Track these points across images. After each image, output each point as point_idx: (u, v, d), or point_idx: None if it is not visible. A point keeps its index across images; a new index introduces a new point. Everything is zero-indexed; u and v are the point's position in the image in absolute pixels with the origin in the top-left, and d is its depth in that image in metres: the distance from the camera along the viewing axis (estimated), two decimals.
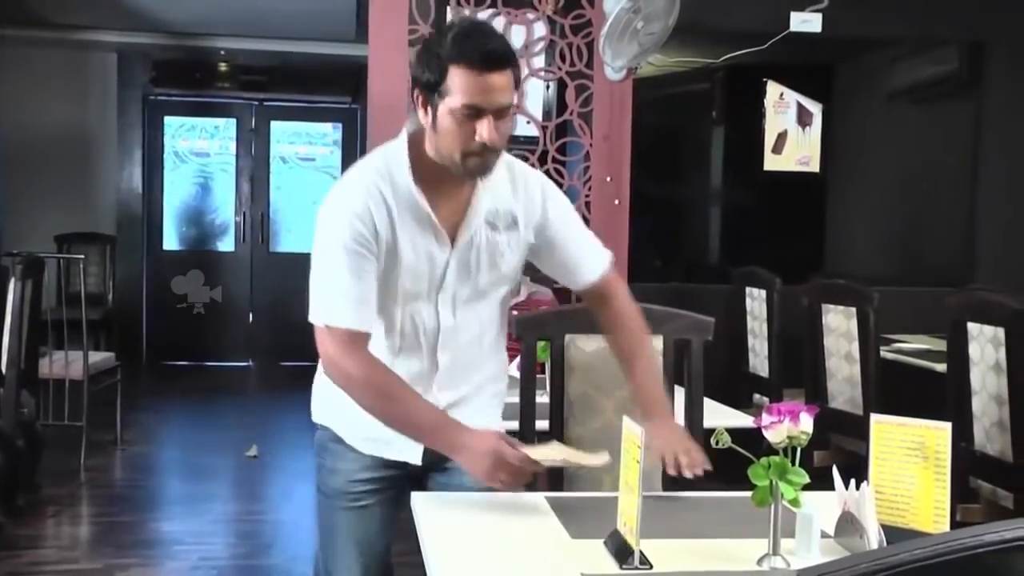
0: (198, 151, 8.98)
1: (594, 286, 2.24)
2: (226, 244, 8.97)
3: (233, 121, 8.96)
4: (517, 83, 1.99)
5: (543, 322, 2.59)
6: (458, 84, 1.91)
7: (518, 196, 2.12)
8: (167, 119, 8.81)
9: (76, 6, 6.96)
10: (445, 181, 2.03)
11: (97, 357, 5.55)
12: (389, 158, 2.08)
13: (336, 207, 2.07)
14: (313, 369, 2.26)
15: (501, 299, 2.21)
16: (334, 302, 2.01)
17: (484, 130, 1.92)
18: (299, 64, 8.42)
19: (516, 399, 2.49)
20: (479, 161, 1.96)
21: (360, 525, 2.20)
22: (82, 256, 5.62)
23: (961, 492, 3.41)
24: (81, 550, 4.15)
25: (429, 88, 1.95)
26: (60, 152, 8.09)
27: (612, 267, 2.26)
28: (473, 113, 1.92)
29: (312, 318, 2.06)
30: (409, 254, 2.04)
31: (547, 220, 2.14)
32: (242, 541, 4.29)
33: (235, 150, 8.96)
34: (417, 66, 2.01)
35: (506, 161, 2.10)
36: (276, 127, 9.03)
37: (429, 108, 1.97)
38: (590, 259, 2.22)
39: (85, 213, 8.07)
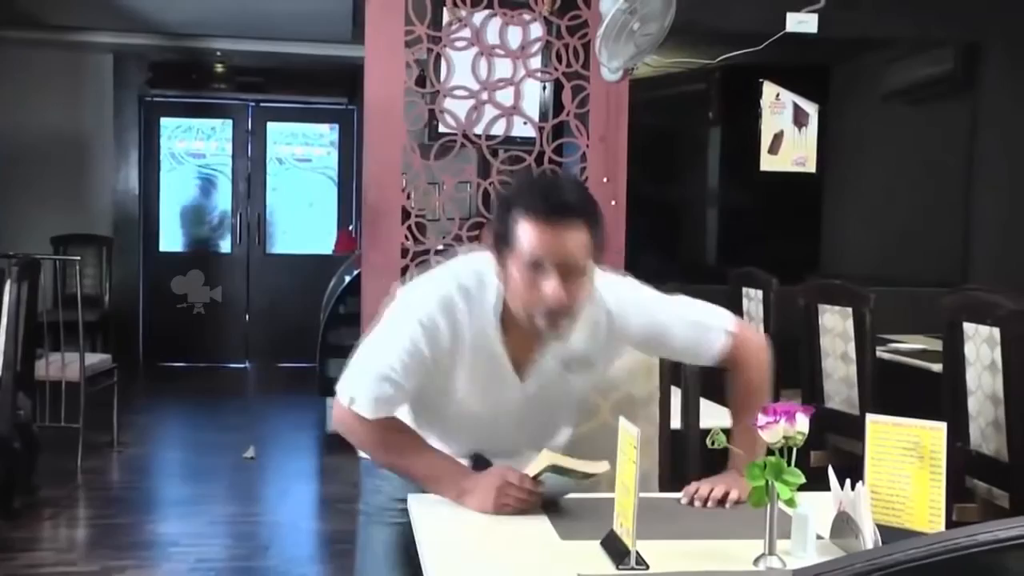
0: (194, 152, 8.97)
1: (721, 359, 2.13)
2: (223, 245, 8.97)
3: (229, 122, 8.96)
4: (598, 243, 1.87)
5: None
6: (525, 236, 1.84)
7: (597, 337, 2.02)
8: (163, 120, 8.81)
9: (72, 7, 6.95)
10: (525, 331, 1.94)
11: (94, 359, 5.55)
12: (477, 286, 1.96)
13: (407, 306, 1.99)
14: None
15: (569, 428, 2.18)
16: (364, 388, 1.97)
17: (550, 288, 1.82)
18: (295, 65, 8.43)
19: None
20: (547, 322, 1.87)
21: (399, 540, 2.17)
22: (78, 258, 5.61)
23: (957, 492, 3.42)
24: (78, 552, 4.15)
25: (500, 238, 1.88)
26: (56, 153, 8.09)
27: (735, 329, 2.12)
28: (539, 268, 1.83)
29: (339, 388, 2.02)
30: (465, 384, 1.99)
31: (634, 335, 2.06)
32: (239, 543, 4.29)
33: (231, 151, 8.96)
34: (493, 215, 1.94)
35: (606, 310, 2.01)
36: (272, 128, 9.02)
37: (502, 261, 1.89)
38: (702, 339, 2.10)
39: (81, 215, 8.07)
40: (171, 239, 8.87)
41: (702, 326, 2.11)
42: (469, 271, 1.98)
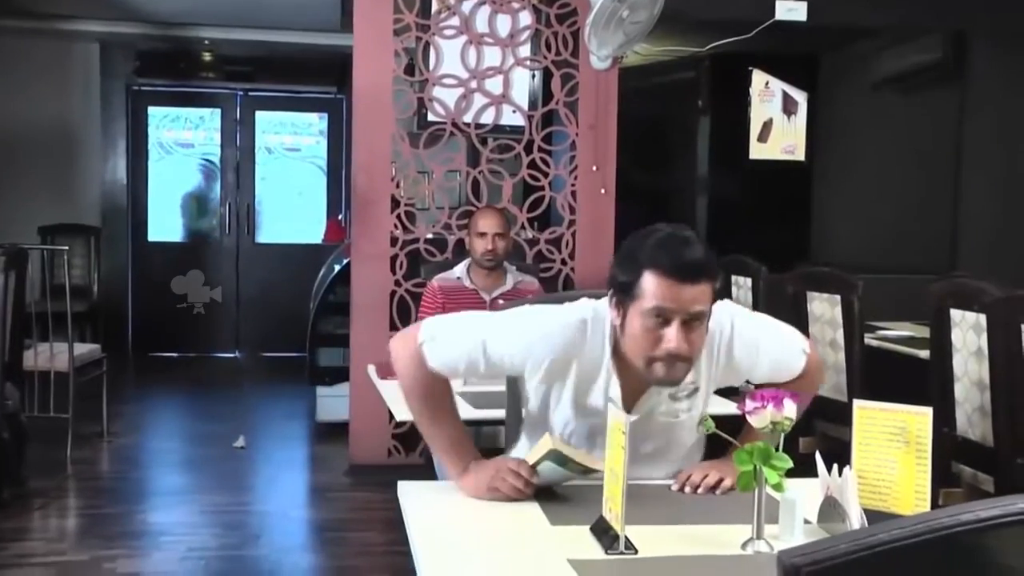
0: (183, 142, 8.94)
1: (795, 378, 2.17)
2: (212, 235, 8.95)
3: (218, 111, 8.93)
4: (715, 294, 1.95)
5: None
6: (650, 289, 1.90)
7: (700, 367, 2.06)
8: (151, 110, 8.77)
9: None
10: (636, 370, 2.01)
11: (82, 349, 5.53)
12: (593, 322, 2.05)
13: (535, 324, 2.08)
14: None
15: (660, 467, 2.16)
16: (451, 341, 2.06)
17: (671, 336, 1.90)
18: (284, 54, 8.39)
19: (502, 387, 2.50)
20: (664, 368, 1.93)
21: None
22: (66, 247, 5.59)
23: (943, 477, 3.44)
24: (68, 542, 4.15)
25: (623, 290, 1.95)
26: (43, 143, 8.05)
27: (809, 350, 2.19)
28: (662, 319, 1.90)
29: (425, 324, 2.10)
30: (569, 404, 2.08)
31: (735, 359, 2.10)
32: (230, 532, 4.29)
33: (220, 141, 8.93)
34: (614, 267, 2.00)
35: (712, 344, 2.07)
36: (261, 117, 8.99)
37: (620, 309, 1.97)
38: (789, 361, 2.15)
39: (69, 205, 8.03)
40: (160, 229, 8.84)
41: (789, 349, 2.17)
42: (587, 312, 2.07)
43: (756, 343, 2.12)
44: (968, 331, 3.45)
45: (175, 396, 7.23)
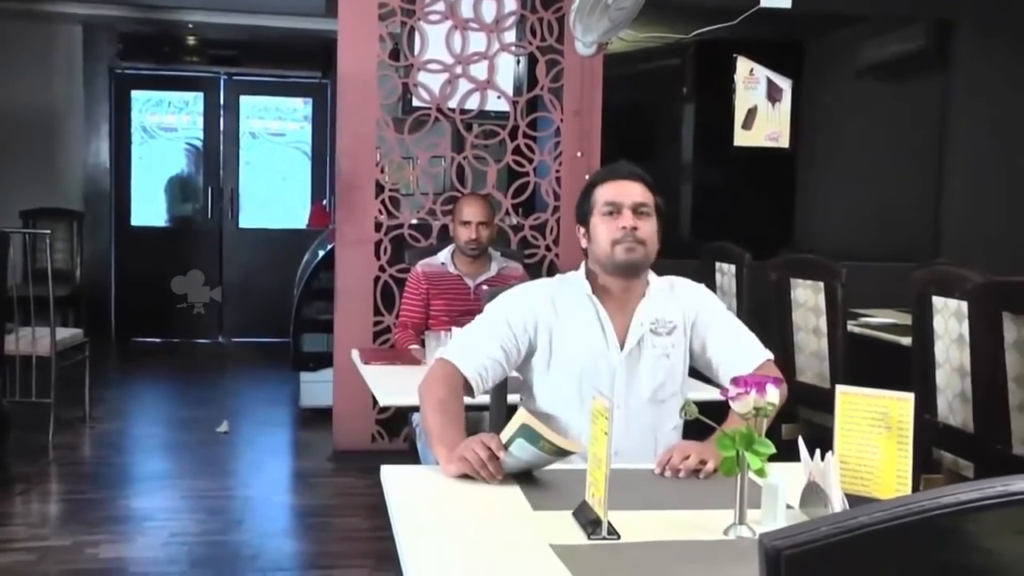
0: (166, 126, 8.89)
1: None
2: (195, 220, 8.91)
3: (202, 95, 8.87)
4: (657, 202, 2.39)
5: None
6: (600, 195, 2.38)
7: (676, 305, 2.40)
8: (135, 93, 8.71)
9: None
10: (614, 297, 2.38)
11: (65, 333, 5.50)
12: (567, 277, 2.46)
13: (506, 295, 2.44)
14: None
15: (672, 412, 2.37)
16: (459, 341, 2.39)
17: (625, 219, 2.32)
18: (268, 38, 8.34)
19: None
20: (624, 249, 2.32)
21: None
22: (48, 231, 5.54)
23: (924, 463, 3.47)
24: (50, 527, 4.13)
25: (583, 213, 2.41)
26: (25, 126, 7.98)
27: (772, 359, 2.43)
28: (614, 209, 2.34)
29: (440, 352, 2.39)
30: (574, 356, 2.35)
31: (698, 320, 2.41)
32: (213, 517, 4.29)
33: (204, 125, 8.88)
34: (576, 208, 2.45)
35: (669, 281, 2.44)
36: (245, 102, 8.95)
37: (585, 230, 2.41)
38: (749, 350, 2.40)
39: (51, 188, 7.98)
40: (143, 213, 8.79)
41: (751, 342, 2.44)
42: (562, 276, 2.50)
43: (721, 313, 2.44)
44: (950, 318, 3.47)
45: (158, 381, 7.20)
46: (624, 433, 2.28)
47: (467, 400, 2.70)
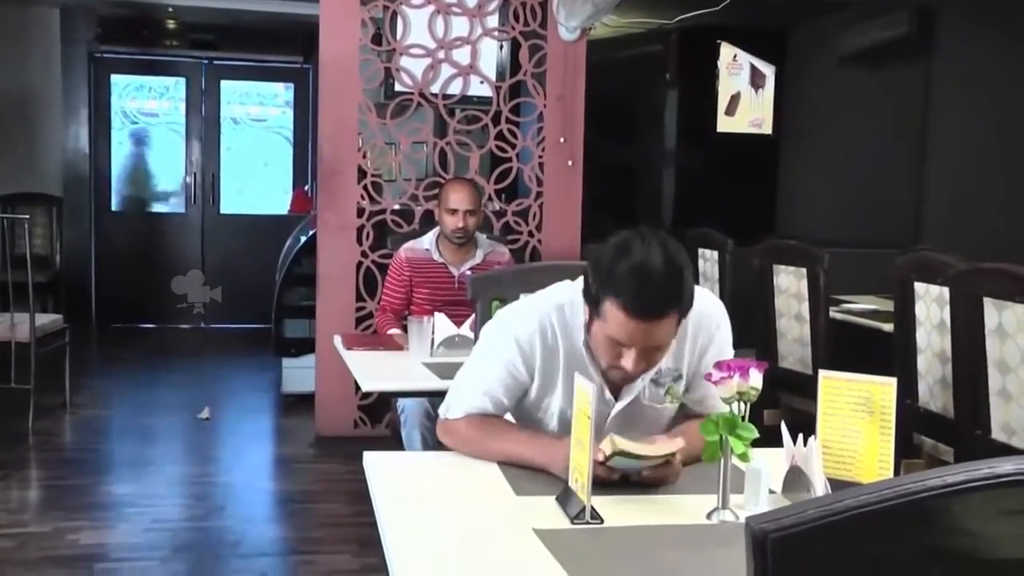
0: (146, 111, 8.81)
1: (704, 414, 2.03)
2: (176, 206, 8.85)
3: (182, 80, 8.80)
4: (680, 321, 1.93)
5: (498, 281, 2.59)
6: (611, 318, 1.89)
7: (683, 352, 2.09)
8: (114, 78, 8.63)
9: None
10: None
11: (44, 319, 5.46)
12: (571, 307, 2.06)
13: (504, 325, 2.10)
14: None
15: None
16: (461, 402, 2.10)
17: (628, 363, 1.93)
18: (249, 22, 8.28)
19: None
20: (622, 377, 2.02)
21: None
22: (27, 216, 5.49)
23: (905, 448, 3.48)
24: (31, 513, 4.11)
25: (590, 299, 1.94)
26: (2, 111, 7.90)
27: None
28: (621, 343, 1.91)
29: (440, 411, 2.14)
30: (561, 400, 2.08)
31: (704, 360, 2.10)
32: (194, 503, 4.27)
33: (184, 110, 8.81)
34: (588, 269, 1.96)
35: (694, 314, 2.01)
36: (227, 87, 8.88)
37: (589, 312, 1.96)
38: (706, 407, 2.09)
39: (30, 174, 7.90)
40: (123, 199, 8.73)
41: None
42: (565, 296, 2.08)
43: (723, 355, 2.10)
44: (931, 304, 3.49)
45: (139, 367, 7.16)
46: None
47: (449, 386, 2.69)
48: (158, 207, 8.85)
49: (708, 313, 2.10)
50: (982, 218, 5.51)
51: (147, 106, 8.80)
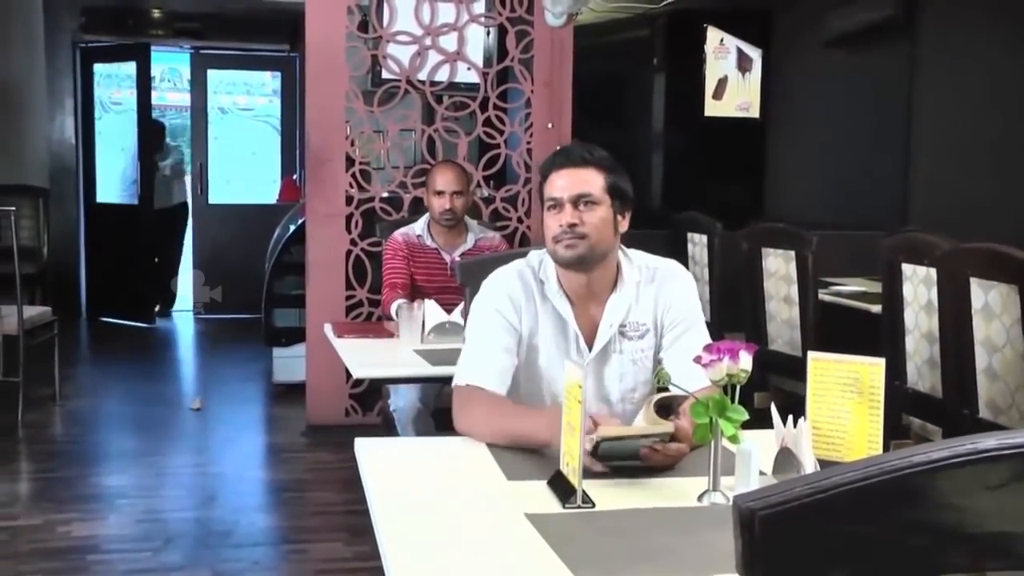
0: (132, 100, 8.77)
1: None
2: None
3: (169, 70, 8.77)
4: (610, 184, 2.19)
5: (487, 267, 2.58)
6: (546, 188, 2.21)
7: (650, 299, 2.26)
8: (99, 67, 8.58)
9: None
10: (578, 293, 2.24)
11: (32, 311, 5.44)
12: (538, 266, 2.27)
13: (485, 285, 2.28)
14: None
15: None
16: (476, 367, 2.19)
17: (564, 215, 2.16)
18: (235, 11, 8.25)
19: (461, 345, 2.49)
20: (563, 246, 2.16)
21: None
22: (13, 208, 5.47)
23: (893, 429, 3.50)
24: (21, 506, 4.11)
25: (540, 199, 2.25)
26: None
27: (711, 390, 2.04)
28: (554, 204, 2.18)
29: (455, 381, 2.21)
30: (544, 365, 2.23)
31: (667, 318, 2.26)
32: (186, 493, 4.28)
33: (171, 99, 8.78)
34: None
35: (653, 268, 2.28)
36: (213, 76, 8.85)
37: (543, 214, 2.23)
38: (685, 376, 2.02)
39: (15, 165, 7.85)
40: (110, 190, 8.69)
41: (693, 375, 2.07)
42: (535, 254, 2.30)
43: (691, 318, 2.25)
44: (919, 285, 3.50)
45: (129, 358, 7.15)
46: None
47: (441, 371, 2.71)
48: (146, 198, 8.81)
49: (672, 271, 2.29)
50: (968, 199, 5.53)
51: (133, 95, 8.76)
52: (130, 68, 8.10)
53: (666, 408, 1.96)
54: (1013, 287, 2.97)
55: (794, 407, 1.90)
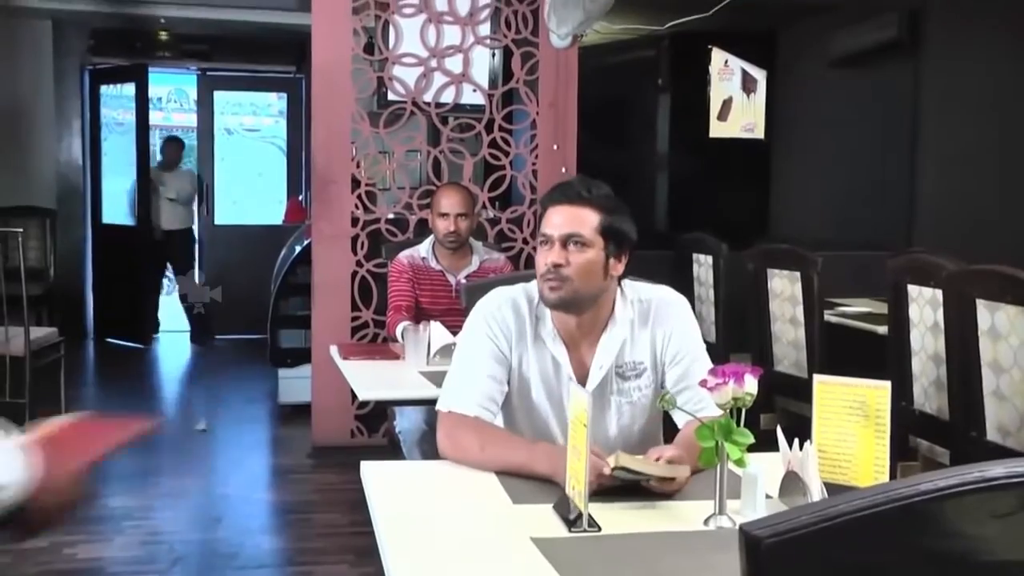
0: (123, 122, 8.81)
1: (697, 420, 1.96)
2: None
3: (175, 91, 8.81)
4: (606, 226, 2.11)
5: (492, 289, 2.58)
6: (542, 224, 2.16)
7: (647, 337, 2.20)
8: (105, 88, 8.62)
9: None
10: (571, 332, 2.18)
11: (39, 332, 5.45)
12: (535, 298, 2.20)
13: (476, 310, 2.23)
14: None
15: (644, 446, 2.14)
16: (460, 393, 2.14)
17: (551, 254, 2.10)
18: (242, 33, 8.29)
19: None
20: (548, 287, 2.10)
21: None
22: (20, 230, 5.49)
23: (900, 450, 3.49)
24: None
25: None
26: None
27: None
28: (545, 240, 2.13)
29: (439, 405, 2.17)
30: (533, 402, 2.19)
31: (667, 351, 2.20)
32: (192, 515, 4.27)
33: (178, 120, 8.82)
34: None
35: (647, 302, 2.21)
36: (219, 97, 8.89)
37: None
38: (688, 404, 2.08)
39: (23, 186, 7.89)
40: (117, 211, 8.71)
41: (697, 402, 2.10)
42: (522, 286, 2.24)
43: (692, 349, 2.19)
44: (925, 306, 3.50)
45: (135, 379, 7.16)
46: None
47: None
48: (153, 219, 8.84)
49: (666, 301, 2.23)
50: (974, 219, 5.52)
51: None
52: (132, 89, 8.14)
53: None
54: (1020, 309, 2.96)
55: (800, 428, 1.90)
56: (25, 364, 5.13)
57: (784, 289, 4.28)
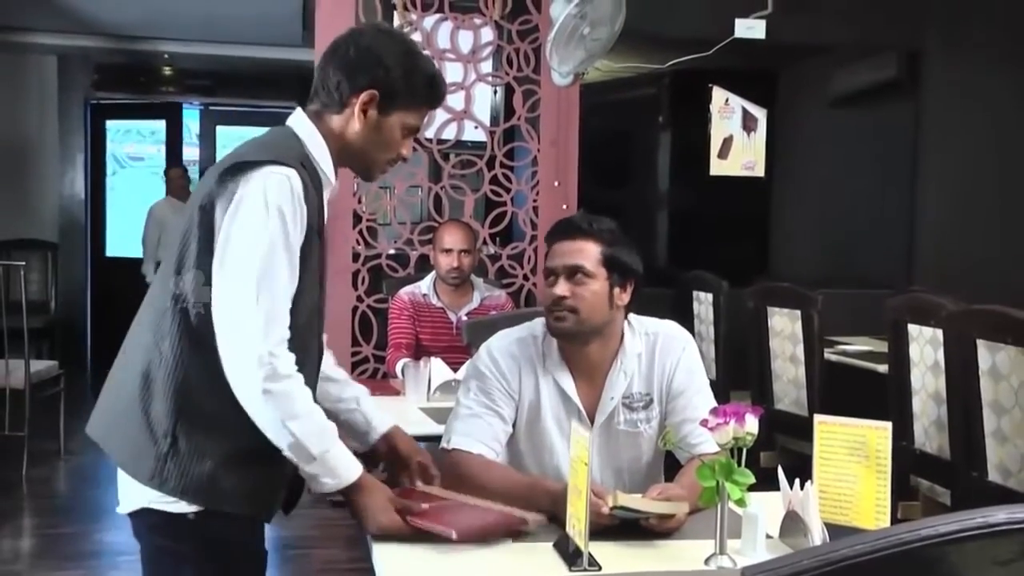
0: (142, 156, 8.86)
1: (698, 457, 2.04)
2: None
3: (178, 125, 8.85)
4: (607, 257, 2.15)
5: (493, 326, 2.59)
6: (547, 259, 2.21)
7: (654, 369, 2.23)
8: (110, 123, 8.67)
9: (12, 7, 6.81)
10: (579, 366, 2.20)
11: (39, 366, 5.45)
12: (547, 335, 2.22)
13: (491, 347, 2.24)
14: None
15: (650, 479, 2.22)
16: (459, 429, 2.17)
17: (557, 289, 2.14)
18: (245, 68, 8.35)
19: None
20: (553, 318, 2.15)
21: None
22: (23, 263, 5.50)
23: (901, 490, 3.48)
24: (23, 563, 4.08)
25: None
26: None
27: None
28: (552, 277, 2.17)
29: (446, 443, 2.18)
30: (541, 433, 2.20)
31: (673, 385, 2.22)
32: None
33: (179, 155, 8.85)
34: None
35: (653, 335, 2.24)
36: (222, 132, 8.93)
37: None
38: (689, 440, 2.14)
39: (26, 220, 7.92)
40: (119, 244, 8.72)
41: (700, 437, 2.12)
42: (541, 322, 2.24)
43: (696, 384, 2.23)
44: (925, 345, 3.50)
45: None
46: None
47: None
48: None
49: (672, 335, 2.26)
50: (974, 258, 5.54)
51: (143, 151, 8.85)
52: (147, 125, 8.22)
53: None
54: (1021, 349, 2.96)
55: (800, 467, 1.90)
56: (25, 397, 5.12)
57: (784, 327, 4.28)
